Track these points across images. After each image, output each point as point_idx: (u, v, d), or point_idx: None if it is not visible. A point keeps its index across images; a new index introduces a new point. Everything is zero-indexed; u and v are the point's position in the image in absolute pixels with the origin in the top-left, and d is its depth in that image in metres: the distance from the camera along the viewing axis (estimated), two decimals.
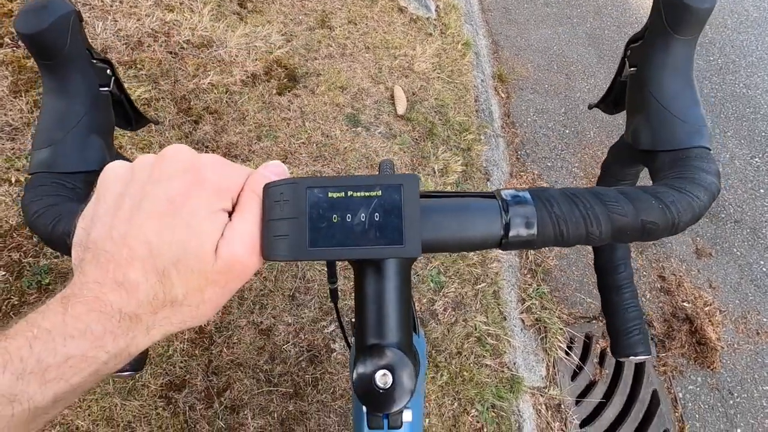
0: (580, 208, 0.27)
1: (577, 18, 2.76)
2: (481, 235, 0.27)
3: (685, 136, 0.31)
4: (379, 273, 0.27)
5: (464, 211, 0.27)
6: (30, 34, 0.30)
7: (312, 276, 1.35)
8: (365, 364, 0.26)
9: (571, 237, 0.27)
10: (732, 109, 2.36)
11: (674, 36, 0.31)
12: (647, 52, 0.33)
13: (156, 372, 1.10)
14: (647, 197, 0.27)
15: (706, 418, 1.44)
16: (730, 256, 1.82)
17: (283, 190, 0.26)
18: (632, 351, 0.38)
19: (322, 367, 1.22)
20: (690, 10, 0.30)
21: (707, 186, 0.29)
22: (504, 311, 1.49)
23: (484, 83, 2.24)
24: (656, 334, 1.60)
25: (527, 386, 1.39)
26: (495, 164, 1.91)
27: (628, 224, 0.27)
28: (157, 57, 1.62)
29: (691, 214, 0.28)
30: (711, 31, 2.79)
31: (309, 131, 1.66)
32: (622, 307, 0.39)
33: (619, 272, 0.41)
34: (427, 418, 1.22)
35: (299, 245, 0.25)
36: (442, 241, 0.27)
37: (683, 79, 0.32)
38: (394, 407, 0.26)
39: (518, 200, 0.27)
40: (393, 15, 2.23)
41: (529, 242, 0.27)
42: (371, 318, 0.27)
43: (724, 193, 2.01)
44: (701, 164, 0.30)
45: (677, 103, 0.31)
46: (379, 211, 0.25)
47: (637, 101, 0.34)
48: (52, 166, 0.31)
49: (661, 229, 0.27)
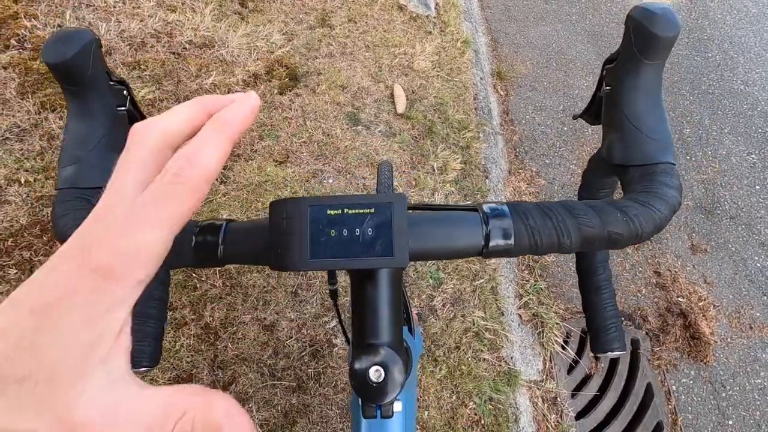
0: (553, 221, 0.30)
1: (577, 15, 2.77)
2: (464, 245, 0.30)
3: (653, 152, 0.34)
4: (373, 281, 0.30)
5: (449, 223, 0.30)
6: (56, 63, 0.33)
7: (314, 273, 1.38)
8: (360, 360, 0.30)
9: (545, 246, 0.30)
10: (729, 105, 2.38)
11: (643, 61, 0.34)
12: (620, 75, 0.36)
13: (164, 366, 1.14)
14: (613, 210, 0.30)
15: (698, 410, 1.48)
16: (725, 252, 1.85)
17: (287, 208, 0.29)
18: (609, 347, 0.42)
19: (324, 361, 1.25)
20: (657, 38, 0.32)
21: (668, 200, 0.31)
22: (502, 307, 1.52)
23: (483, 81, 2.26)
24: (651, 329, 1.63)
25: (524, 380, 1.42)
26: (494, 162, 1.93)
27: (596, 235, 0.30)
28: (160, 58, 1.65)
29: (653, 225, 0.31)
30: (710, 27, 2.80)
31: (310, 130, 1.69)
32: (601, 307, 0.43)
33: (598, 274, 0.44)
34: (425, 410, 1.26)
35: (301, 257, 0.28)
36: (428, 250, 0.30)
37: (652, 100, 0.35)
38: (386, 399, 0.29)
39: (497, 213, 0.30)
40: (393, 13, 2.25)
41: (507, 251, 0.30)
42: (366, 320, 0.31)
43: (720, 189, 2.04)
44: (665, 179, 0.32)
45: (646, 122, 0.34)
46: (371, 227, 0.28)
47: (611, 119, 0.37)
48: (77, 182, 0.34)
49: (626, 239, 0.30)
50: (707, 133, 2.25)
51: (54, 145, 1.36)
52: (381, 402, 0.30)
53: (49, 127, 1.39)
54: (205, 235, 0.33)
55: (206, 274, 1.30)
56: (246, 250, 0.32)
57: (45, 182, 1.29)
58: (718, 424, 1.45)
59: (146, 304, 0.42)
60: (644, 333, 1.62)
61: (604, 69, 0.38)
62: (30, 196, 1.26)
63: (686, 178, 2.06)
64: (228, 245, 0.32)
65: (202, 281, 1.29)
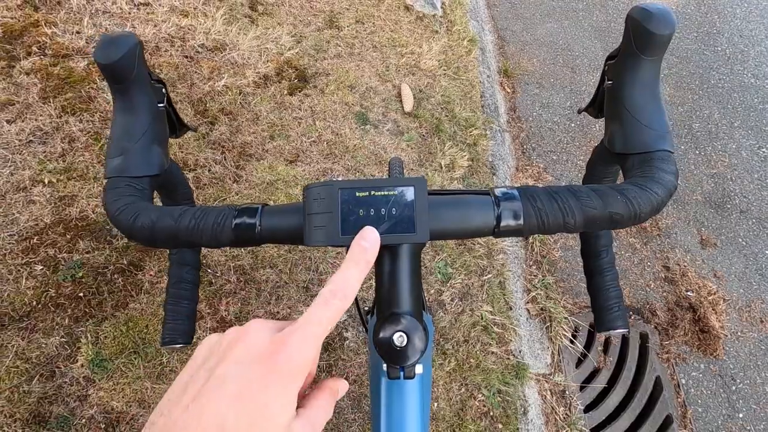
0: (558, 203, 0.33)
1: (583, 11, 2.77)
2: (478, 225, 0.33)
3: (651, 141, 0.36)
4: (396, 255, 0.34)
5: (464, 206, 0.34)
6: (107, 64, 0.36)
7: (324, 269, 1.42)
8: (385, 328, 0.33)
9: (551, 226, 0.33)
10: (739, 99, 2.36)
11: (642, 57, 0.37)
12: (620, 70, 0.38)
13: (182, 358, 1.18)
14: (614, 193, 0.33)
15: (708, 403, 1.48)
16: (735, 246, 1.84)
17: (320, 191, 0.33)
18: (613, 325, 0.44)
19: (335, 354, 1.29)
20: (654, 36, 0.35)
21: (665, 184, 0.34)
22: (510, 301, 1.54)
23: (490, 79, 2.28)
24: (660, 323, 1.64)
25: (533, 373, 1.44)
26: (501, 159, 1.95)
27: (598, 215, 0.33)
28: (174, 61, 1.70)
29: (650, 207, 0.33)
30: (719, 21, 2.78)
31: (319, 130, 1.72)
32: (605, 288, 0.45)
33: (602, 257, 0.46)
34: (435, 402, 1.29)
35: (334, 233, 0.32)
36: (445, 229, 0.34)
37: (650, 93, 0.37)
38: (408, 361, 0.33)
39: (508, 197, 0.33)
40: (399, 13, 2.28)
41: (517, 230, 0.33)
42: (389, 292, 0.34)
43: (730, 183, 2.03)
44: (662, 165, 0.35)
45: (645, 113, 0.37)
46: (395, 207, 0.32)
47: (613, 111, 0.39)
48: (125, 171, 0.38)
49: (625, 219, 0.33)
50: (717, 127, 2.24)
51: (75, 147, 1.42)
52: (404, 364, 0.33)
53: (70, 130, 1.44)
54: (243, 217, 0.36)
55: (221, 269, 1.35)
56: (281, 229, 0.36)
57: (67, 183, 1.34)
58: (728, 417, 1.46)
59: (180, 286, 0.46)
60: (653, 327, 1.63)
61: (606, 65, 0.40)
62: (53, 196, 1.32)
63: (695, 172, 2.05)
64: (264, 226, 0.36)
65: (217, 277, 1.33)
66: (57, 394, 1.07)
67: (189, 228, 0.35)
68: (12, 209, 1.28)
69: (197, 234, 0.35)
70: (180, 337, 0.44)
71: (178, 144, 1.52)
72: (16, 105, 1.45)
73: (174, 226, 0.35)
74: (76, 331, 1.15)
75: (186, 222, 0.35)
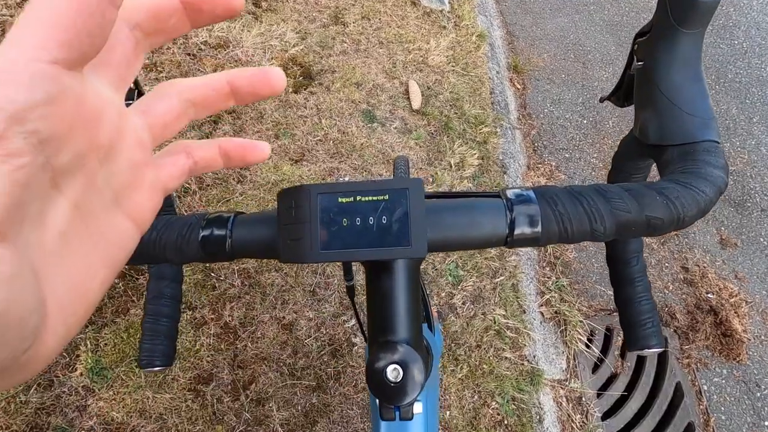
0: (584, 206, 0.27)
1: (594, 5, 2.70)
2: (487, 234, 0.28)
3: (693, 130, 0.31)
4: (389, 272, 0.28)
5: (470, 211, 0.28)
6: None
7: (332, 272, 1.37)
8: (377, 359, 0.27)
9: (576, 234, 0.27)
10: (758, 94, 2.29)
11: (680, 30, 0.31)
12: (653, 47, 0.33)
13: (184, 366, 1.14)
14: (651, 193, 0.28)
15: (732, 410, 1.42)
16: (756, 246, 1.77)
17: (295, 196, 0.27)
18: (646, 343, 0.39)
19: (343, 360, 1.24)
20: (696, 4, 0.29)
21: (713, 180, 0.28)
22: (523, 304, 1.49)
23: (500, 75, 2.22)
24: (679, 326, 1.57)
25: (548, 379, 1.39)
26: (512, 157, 1.89)
27: (632, 220, 0.27)
28: (177, 59, 1.66)
29: (697, 208, 0.28)
30: (736, 13, 2.70)
31: (325, 128, 1.68)
32: (636, 300, 0.40)
33: (632, 265, 0.41)
34: (447, 410, 1.24)
35: (312, 248, 0.26)
36: (448, 240, 0.28)
37: (691, 73, 0.32)
38: (405, 400, 0.27)
39: (522, 199, 0.28)
40: (406, 9, 2.22)
41: (534, 240, 0.28)
42: (382, 316, 0.28)
43: (750, 181, 1.96)
44: (708, 158, 0.29)
45: (684, 97, 0.31)
46: (386, 214, 0.26)
47: (645, 96, 0.34)
48: None
49: (666, 224, 0.27)
50: (735, 123, 2.17)
51: None
52: (399, 403, 0.27)
53: None
54: (212, 228, 0.31)
55: (225, 273, 1.30)
56: (254, 242, 0.30)
57: None
58: (753, 425, 1.39)
59: (158, 301, 0.41)
60: (672, 331, 1.57)
61: (636, 43, 0.35)
62: None
63: None
64: (236, 238, 0.31)
65: (221, 281, 1.29)
66: (55, 404, 1.03)
67: (150, 241, 0.30)
68: None
69: (160, 248, 0.30)
70: (158, 359, 0.39)
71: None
72: None
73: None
74: (75, 338, 1.11)
75: (147, 235, 0.30)
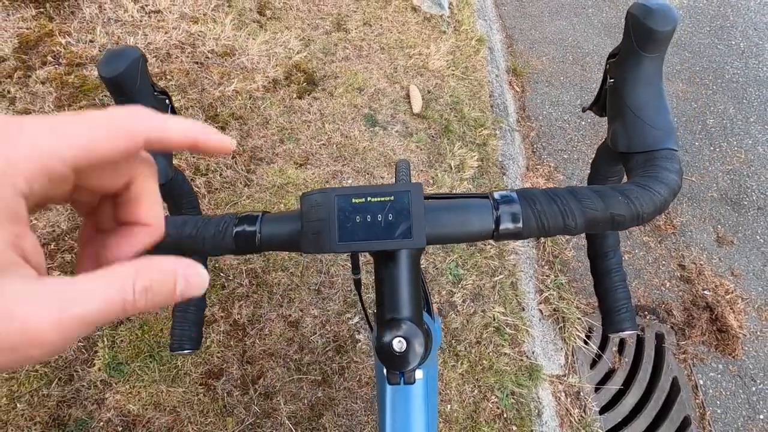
0: (558, 205, 0.32)
1: (592, 8, 2.74)
2: (477, 229, 0.33)
3: (654, 139, 0.36)
4: (394, 261, 0.34)
5: (462, 210, 0.33)
6: (111, 77, 0.37)
7: (336, 271, 1.42)
8: (385, 334, 0.33)
9: (552, 228, 0.32)
10: (755, 94, 2.32)
11: (643, 54, 0.36)
12: (621, 68, 0.38)
13: (196, 362, 1.20)
14: (615, 194, 0.33)
15: (727, 404, 1.45)
16: (752, 244, 1.80)
17: (317, 198, 0.33)
18: (621, 326, 0.44)
19: (347, 356, 1.29)
20: (655, 33, 0.35)
21: (668, 183, 0.34)
22: (522, 302, 1.53)
23: (499, 78, 2.26)
24: (676, 323, 1.61)
25: (546, 374, 1.43)
26: (511, 158, 1.94)
27: (599, 217, 0.32)
28: (185, 68, 1.72)
29: (653, 207, 0.33)
30: (733, 14, 2.73)
31: (329, 133, 1.73)
32: (613, 289, 0.45)
33: (609, 258, 0.46)
34: (448, 404, 1.28)
35: (330, 241, 0.32)
36: (444, 234, 0.33)
37: (653, 91, 0.37)
38: (408, 366, 0.33)
39: (507, 200, 0.33)
40: (407, 15, 2.28)
41: (516, 234, 0.33)
42: (389, 297, 0.34)
43: (747, 180, 1.99)
44: (666, 164, 0.34)
45: (648, 112, 0.36)
46: (392, 213, 0.32)
47: (615, 110, 0.39)
48: None
49: (628, 220, 0.33)
50: (732, 122, 2.20)
51: None
52: (404, 369, 0.33)
53: None
54: (243, 225, 0.36)
55: (233, 273, 1.36)
56: (280, 237, 0.36)
57: None
58: (748, 419, 1.43)
59: None
60: (669, 327, 1.60)
61: (608, 63, 0.40)
62: None
63: (710, 169, 2.01)
64: (264, 234, 0.36)
65: (230, 280, 1.34)
66: (75, 397, 1.09)
67: (191, 237, 0.35)
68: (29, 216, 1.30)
69: (199, 243, 0.36)
70: (187, 344, 0.45)
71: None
72: (33, 113, 1.48)
73: (177, 236, 0.35)
74: (93, 335, 1.17)
75: (188, 231, 0.36)
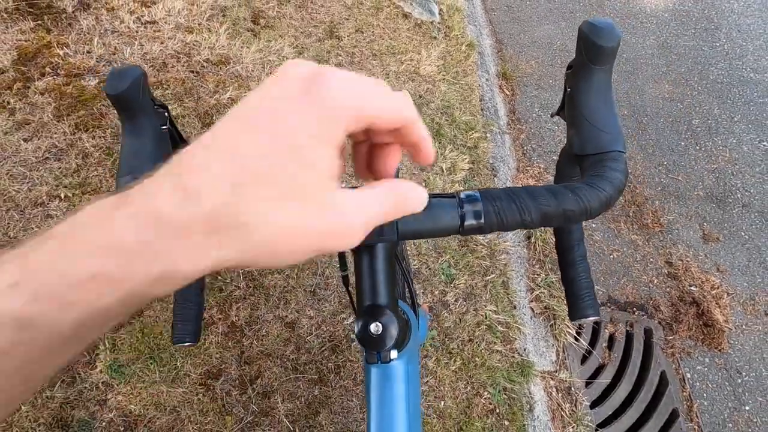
0: (516, 203, 0.36)
1: (580, 12, 2.80)
2: (444, 225, 0.37)
3: (604, 143, 0.40)
4: (371, 254, 0.38)
5: (431, 208, 0.37)
6: (115, 94, 0.42)
7: (331, 273, 1.45)
8: (363, 318, 0.37)
9: (510, 223, 0.36)
10: (739, 94, 2.37)
11: (593, 66, 0.40)
12: (576, 79, 0.42)
13: (195, 362, 1.23)
14: (567, 192, 0.37)
15: (714, 396, 1.49)
16: (737, 240, 1.85)
17: None
18: (585, 313, 0.48)
19: (343, 355, 1.32)
20: (601, 48, 0.39)
21: (614, 182, 0.38)
22: (513, 300, 1.57)
23: (489, 82, 2.31)
24: (663, 318, 1.65)
25: (538, 370, 1.46)
26: (501, 160, 1.98)
27: (552, 212, 0.36)
28: (181, 77, 1.76)
29: (599, 203, 0.37)
30: (717, 17, 2.79)
31: None
32: (577, 278, 0.49)
33: (574, 251, 0.50)
34: (442, 400, 1.32)
35: None
36: (414, 230, 0.37)
37: (603, 99, 0.41)
38: (383, 347, 0.37)
39: (471, 199, 0.37)
40: (398, 21, 2.33)
41: (479, 228, 0.37)
42: (366, 286, 0.38)
43: (732, 178, 2.04)
44: (613, 165, 0.39)
45: (599, 118, 0.41)
46: None
47: (572, 116, 0.43)
48: None
49: (578, 214, 0.37)
50: (717, 122, 2.25)
51: (88, 162, 1.48)
52: (380, 349, 0.37)
53: (84, 146, 1.50)
54: None
55: (231, 276, 1.39)
56: None
57: (82, 197, 1.40)
58: (734, 410, 1.47)
59: (187, 290, 0.50)
60: (657, 322, 1.64)
61: (566, 74, 0.44)
62: (70, 210, 1.37)
63: (696, 168, 2.07)
64: None
65: (227, 283, 1.38)
66: (78, 399, 1.12)
67: None
68: (31, 223, 1.34)
69: None
70: (188, 337, 0.48)
71: None
72: (32, 124, 1.52)
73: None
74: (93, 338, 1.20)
75: None
